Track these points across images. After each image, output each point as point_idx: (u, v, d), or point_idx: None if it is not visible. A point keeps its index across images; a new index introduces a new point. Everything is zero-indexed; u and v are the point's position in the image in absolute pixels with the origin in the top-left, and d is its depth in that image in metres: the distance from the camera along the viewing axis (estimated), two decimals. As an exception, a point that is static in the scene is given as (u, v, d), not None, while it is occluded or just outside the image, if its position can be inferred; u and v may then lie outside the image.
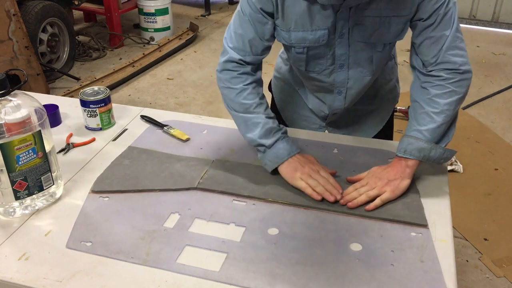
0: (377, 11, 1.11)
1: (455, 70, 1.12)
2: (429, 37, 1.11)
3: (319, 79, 1.27)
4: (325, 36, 1.16)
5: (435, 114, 1.12)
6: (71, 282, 0.89)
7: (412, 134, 1.14)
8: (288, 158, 1.15)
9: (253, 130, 1.18)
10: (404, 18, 1.12)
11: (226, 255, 0.95)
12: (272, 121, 1.18)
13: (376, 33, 1.15)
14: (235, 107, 1.20)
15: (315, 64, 1.24)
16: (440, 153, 1.13)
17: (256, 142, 1.18)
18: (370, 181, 1.11)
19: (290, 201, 1.09)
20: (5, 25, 3.10)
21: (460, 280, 1.97)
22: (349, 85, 1.27)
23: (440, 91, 1.13)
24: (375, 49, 1.19)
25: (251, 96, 1.19)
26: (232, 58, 1.20)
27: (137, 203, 1.09)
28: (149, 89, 3.74)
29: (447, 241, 0.98)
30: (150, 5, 4.44)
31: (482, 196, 2.47)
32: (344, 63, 1.22)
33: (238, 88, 1.20)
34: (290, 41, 1.19)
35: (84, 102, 1.36)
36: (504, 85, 3.73)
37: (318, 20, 1.14)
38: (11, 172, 1.00)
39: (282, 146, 1.16)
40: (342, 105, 1.33)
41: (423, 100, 1.15)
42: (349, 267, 0.92)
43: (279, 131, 1.18)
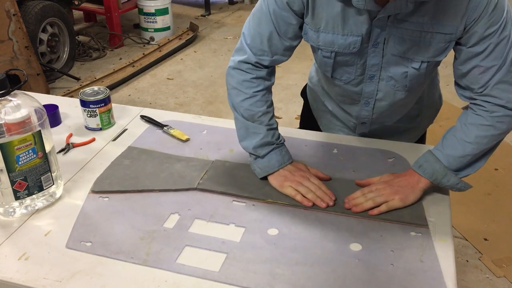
0: (419, 25, 1.03)
1: (501, 105, 1.05)
2: (478, 66, 1.03)
3: (345, 89, 1.22)
4: (357, 44, 1.09)
5: (465, 144, 1.07)
6: (71, 282, 0.89)
7: (435, 152, 1.10)
8: (279, 169, 1.14)
9: (251, 139, 1.16)
10: (448, 36, 1.03)
11: (225, 255, 0.95)
12: (272, 135, 1.16)
13: (414, 48, 1.07)
14: (239, 110, 1.17)
15: (342, 72, 1.18)
16: (453, 182, 1.09)
17: (250, 150, 1.16)
18: (379, 187, 1.09)
19: (290, 202, 1.09)
20: (5, 25, 3.10)
21: (460, 280, 1.97)
22: (378, 97, 1.20)
23: (478, 122, 1.06)
24: (410, 66, 1.11)
25: (259, 104, 1.16)
26: (249, 59, 1.15)
27: (137, 203, 1.09)
28: (149, 89, 3.74)
29: (447, 241, 0.98)
30: (150, 5, 4.44)
31: (482, 196, 2.47)
32: (375, 74, 1.15)
33: (247, 94, 1.16)
34: (317, 42, 1.13)
35: (84, 102, 1.36)
36: (504, 85, 3.72)
37: (351, 25, 1.07)
38: (11, 172, 1.00)
39: (274, 157, 1.14)
40: (369, 115, 1.26)
41: (460, 124, 1.10)
42: (349, 267, 0.92)
43: (275, 144, 1.16)
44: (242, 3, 5.96)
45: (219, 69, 4.04)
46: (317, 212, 1.07)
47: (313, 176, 1.14)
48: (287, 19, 1.10)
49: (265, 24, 1.11)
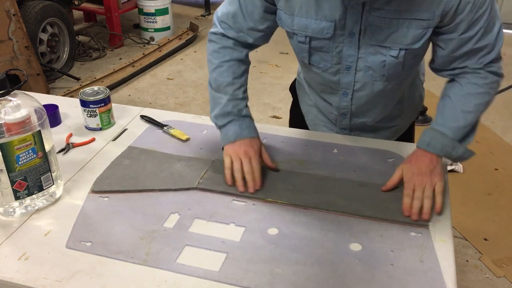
0: (396, 13, 1.05)
1: (493, 72, 1.10)
2: (472, 49, 1.07)
3: (324, 77, 1.23)
4: (330, 29, 1.10)
5: (466, 113, 1.10)
6: (71, 282, 0.89)
7: (439, 128, 1.11)
8: (236, 140, 1.16)
9: (215, 108, 1.20)
10: (426, 22, 1.05)
11: (226, 255, 0.95)
12: (233, 105, 1.18)
13: (392, 35, 1.08)
14: (210, 82, 1.23)
15: (319, 59, 1.19)
16: (461, 152, 1.11)
17: (213, 120, 1.21)
18: (417, 182, 1.07)
19: (290, 201, 1.09)
20: (5, 25, 3.11)
21: (460, 280, 1.97)
22: (356, 88, 1.22)
23: (475, 91, 1.10)
24: (389, 54, 1.12)
25: (225, 74, 1.20)
26: (217, 30, 1.23)
27: (137, 203, 1.09)
28: (149, 89, 3.74)
29: (447, 241, 0.98)
30: (150, 5, 4.44)
31: (482, 196, 2.47)
32: (351, 65, 1.17)
33: (214, 64, 1.22)
34: (292, 27, 1.15)
35: (84, 102, 1.36)
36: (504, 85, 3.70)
37: (324, 9, 1.09)
38: (11, 172, 1.00)
39: (232, 128, 1.17)
40: (348, 106, 1.27)
41: (456, 96, 1.12)
42: (349, 267, 0.92)
43: (236, 115, 1.18)
44: (242, 3, 5.95)
45: (219, 69, 4.03)
46: (317, 212, 1.07)
47: (256, 159, 1.14)
48: (254, 1, 1.14)
49: (233, 2, 1.18)
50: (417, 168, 1.09)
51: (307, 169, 1.21)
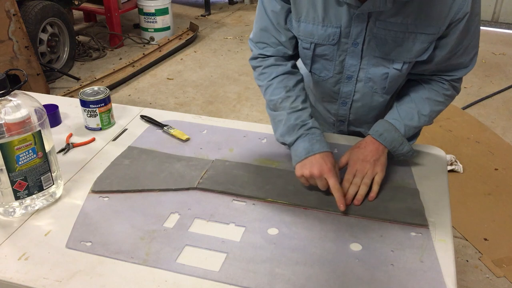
0: (403, 26, 1.04)
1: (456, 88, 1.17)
2: (451, 64, 1.12)
3: (323, 86, 1.24)
4: (335, 36, 1.10)
5: (421, 116, 1.14)
6: (71, 282, 0.89)
7: (392, 122, 1.14)
8: (307, 157, 1.09)
9: (278, 128, 1.16)
10: (431, 36, 1.05)
11: (226, 255, 0.95)
12: (295, 117, 1.13)
13: (397, 49, 1.08)
14: (269, 106, 1.19)
15: (321, 68, 1.19)
16: (406, 150, 1.15)
17: (279, 139, 1.16)
18: (359, 167, 1.10)
19: (290, 201, 1.09)
20: (5, 25, 3.11)
21: (460, 280, 1.97)
22: (355, 98, 1.23)
23: (435, 98, 1.15)
24: (392, 67, 1.12)
25: (277, 91, 1.17)
26: (254, 55, 1.21)
27: (137, 203, 1.09)
28: (149, 89, 3.74)
29: (447, 241, 0.98)
30: (150, 5, 4.45)
31: (482, 196, 2.47)
32: (352, 74, 1.17)
33: (264, 85, 1.19)
34: (298, 32, 1.15)
35: (84, 102, 1.36)
36: (504, 85, 3.73)
37: (331, 16, 1.09)
38: (11, 172, 1.00)
39: (302, 145, 1.11)
40: (346, 115, 1.29)
41: (416, 97, 1.15)
42: (349, 267, 0.92)
43: (302, 128, 1.12)
44: (242, 3, 5.96)
45: (219, 69, 4.04)
46: (317, 212, 1.07)
47: (332, 177, 1.06)
48: (276, 7, 1.14)
49: (262, 18, 1.16)
50: (362, 154, 1.12)
51: (307, 169, 1.21)
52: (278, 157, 1.25)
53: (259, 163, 1.23)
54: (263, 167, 1.21)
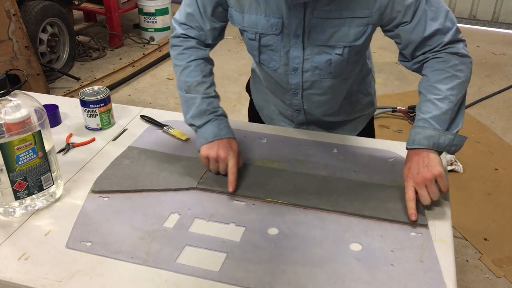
0: (337, 13, 1.09)
1: (456, 53, 1.11)
2: (423, 37, 1.10)
3: (274, 77, 1.27)
4: (278, 25, 1.14)
5: (438, 101, 1.09)
6: (71, 282, 0.89)
7: (419, 124, 1.10)
8: (214, 140, 1.15)
9: (189, 110, 1.19)
10: (365, 20, 1.10)
11: (226, 255, 0.95)
12: (207, 103, 1.18)
13: (336, 35, 1.13)
14: (180, 86, 1.22)
15: (269, 58, 1.23)
16: (450, 139, 1.08)
17: (189, 121, 1.20)
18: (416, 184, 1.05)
19: (290, 201, 1.09)
20: (5, 25, 3.10)
21: (460, 280, 1.97)
22: (305, 87, 1.26)
23: (441, 77, 1.10)
24: (334, 52, 1.16)
25: (194, 74, 1.20)
26: (177, 33, 1.24)
27: (137, 203, 1.09)
28: (149, 89, 3.74)
29: (447, 241, 0.98)
30: (150, 5, 4.44)
31: (482, 196, 2.47)
32: (297, 67, 1.21)
33: (181, 65, 1.21)
34: (243, 24, 1.18)
35: (84, 102, 1.36)
36: (504, 85, 3.73)
37: (272, 6, 1.12)
38: (11, 172, 1.00)
39: (210, 128, 1.17)
40: (300, 104, 1.32)
41: (425, 88, 1.13)
42: (349, 267, 0.92)
43: (213, 113, 1.18)
44: (242, 3, 5.95)
45: (219, 69, 4.04)
46: (317, 212, 1.07)
47: (233, 161, 1.13)
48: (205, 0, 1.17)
49: (191, 2, 1.20)
50: (412, 169, 1.07)
51: (307, 169, 1.21)
52: (278, 157, 1.25)
53: (259, 163, 1.23)
54: (263, 167, 1.21)
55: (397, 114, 3.15)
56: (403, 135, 2.96)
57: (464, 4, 4.99)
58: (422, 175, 1.04)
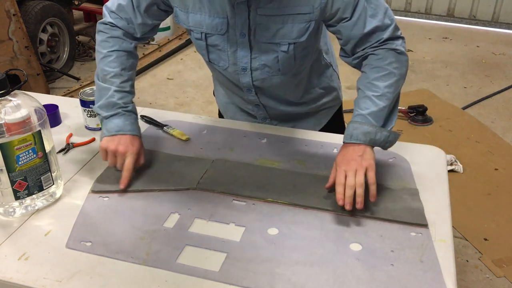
0: (280, 10, 1.10)
1: (393, 50, 1.13)
2: (362, 33, 1.12)
3: (226, 76, 1.28)
4: (223, 25, 1.15)
5: (376, 98, 1.12)
6: (71, 282, 0.89)
7: (356, 119, 1.12)
8: (116, 134, 1.14)
9: (100, 99, 1.18)
10: (307, 16, 1.11)
11: (226, 255, 0.95)
12: (119, 96, 1.17)
13: (280, 32, 1.14)
14: (98, 74, 1.21)
15: (218, 58, 1.23)
16: (385, 136, 1.11)
17: (96, 110, 1.19)
18: (345, 167, 1.07)
19: (290, 201, 1.09)
20: (5, 25, 3.11)
21: (460, 280, 1.97)
22: (257, 84, 1.27)
23: (379, 74, 1.12)
24: (280, 49, 1.17)
25: (112, 64, 1.19)
26: (105, 20, 1.23)
27: (137, 203, 1.09)
28: (149, 89, 3.74)
29: (447, 241, 0.98)
30: (150, 5, 4.44)
31: (482, 196, 2.47)
32: (246, 66, 1.21)
33: (103, 53, 1.21)
34: (188, 23, 1.19)
35: (84, 102, 1.36)
36: (504, 85, 3.73)
37: (216, 6, 1.13)
38: (11, 172, 1.00)
39: (115, 121, 1.16)
40: (257, 100, 1.33)
41: (364, 84, 1.15)
42: (349, 267, 0.92)
43: (122, 108, 1.17)
44: (242, 3, 5.95)
45: (219, 69, 4.04)
46: (317, 212, 1.07)
47: (131, 158, 1.13)
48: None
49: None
50: (345, 155, 1.09)
51: (307, 169, 1.21)
52: (278, 157, 1.25)
53: (259, 163, 1.23)
54: (263, 167, 1.21)
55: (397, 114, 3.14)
56: (403, 135, 2.96)
57: (464, 4, 5.00)
58: (356, 161, 1.07)
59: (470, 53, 4.33)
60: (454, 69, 3.98)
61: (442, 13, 5.17)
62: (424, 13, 5.23)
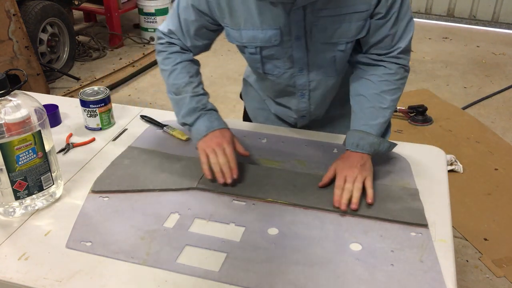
0: (337, 10, 1.10)
1: (403, 66, 1.17)
2: (387, 35, 1.13)
3: (280, 83, 1.26)
4: (277, 37, 1.14)
5: (384, 110, 1.16)
6: (71, 282, 0.89)
7: (362, 128, 1.15)
8: (207, 133, 1.16)
9: (180, 110, 1.20)
10: (365, 13, 1.11)
11: (226, 255, 0.95)
12: (196, 100, 1.19)
13: (337, 31, 1.13)
14: (170, 90, 1.23)
15: (273, 67, 1.23)
16: (386, 146, 1.17)
17: (180, 121, 1.21)
18: (346, 173, 1.10)
19: (290, 201, 1.09)
20: (5, 25, 3.10)
21: (460, 280, 1.97)
22: (312, 87, 1.26)
23: (388, 88, 1.16)
24: (336, 49, 1.17)
25: (181, 76, 1.22)
26: (161, 41, 1.25)
27: (137, 203, 1.09)
28: (149, 89, 3.74)
29: (447, 241, 0.98)
30: (150, 5, 4.44)
31: (482, 196, 2.47)
32: (303, 66, 1.21)
33: (168, 69, 1.23)
34: (241, 40, 1.18)
35: (84, 102, 1.36)
36: (504, 85, 3.72)
37: (268, 19, 1.12)
38: (11, 172, 1.00)
39: (202, 123, 1.18)
40: (307, 107, 1.32)
41: (371, 94, 1.17)
42: (349, 267, 0.92)
43: (202, 110, 1.19)
44: (242, 3, 5.95)
45: (219, 69, 4.04)
46: (317, 212, 1.07)
47: (230, 148, 1.14)
48: (190, 18, 1.18)
49: (173, 18, 1.22)
50: (348, 162, 1.13)
51: (307, 169, 1.21)
52: (278, 157, 1.25)
53: (259, 163, 1.23)
54: (263, 167, 1.21)
55: (397, 114, 3.15)
56: (403, 135, 2.96)
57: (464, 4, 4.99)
58: (357, 169, 1.10)
59: (470, 53, 4.33)
60: (454, 69, 3.98)
61: (442, 13, 5.16)
62: (424, 13, 5.23)
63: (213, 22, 1.19)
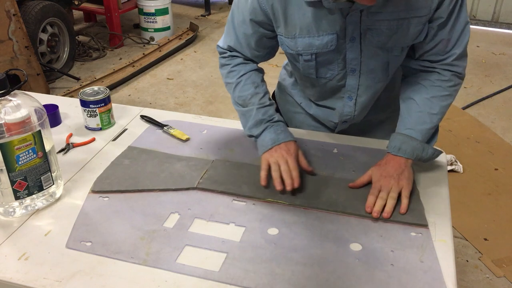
0: (395, 14, 1.06)
1: (457, 74, 1.14)
2: (443, 40, 1.10)
3: (330, 85, 1.25)
4: (333, 41, 1.12)
5: (432, 116, 1.14)
6: (71, 282, 0.89)
7: (406, 132, 1.13)
8: (273, 146, 1.15)
9: (247, 122, 1.21)
10: (424, 18, 1.07)
11: (226, 255, 0.95)
12: (262, 112, 1.19)
13: (394, 36, 1.10)
14: (236, 101, 1.24)
15: (326, 71, 1.21)
16: (430, 153, 1.14)
17: (247, 132, 1.22)
18: (383, 183, 1.08)
19: (290, 201, 1.09)
20: (5, 25, 3.10)
21: (460, 280, 1.97)
22: (360, 92, 1.23)
23: (440, 94, 1.14)
24: (392, 54, 1.14)
25: (246, 87, 1.22)
26: (224, 55, 1.26)
27: (137, 203, 1.09)
28: (149, 89, 3.74)
29: (447, 241, 0.98)
30: (150, 5, 4.44)
31: (482, 196, 2.47)
32: (355, 68, 1.18)
33: (233, 82, 1.23)
34: (296, 48, 1.16)
35: (84, 102, 1.36)
36: (504, 85, 3.72)
37: (325, 25, 1.10)
38: (11, 172, 1.00)
39: (268, 135, 1.17)
40: (352, 112, 1.29)
41: (421, 99, 1.15)
42: (349, 267, 0.92)
43: (269, 121, 1.19)
44: (242, 3, 5.94)
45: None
46: (317, 212, 1.07)
47: (293, 160, 1.13)
48: (249, 32, 1.18)
49: (230, 33, 1.23)
50: (385, 171, 1.11)
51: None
52: (278, 157, 1.25)
53: (259, 163, 1.23)
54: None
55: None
56: (403, 135, 2.96)
57: (464, 4, 4.99)
58: (393, 179, 1.08)
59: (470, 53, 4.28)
60: (454, 69, 3.98)
61: (442, 13, 5.16)
62: (424, 13, 5.23)
63: (272, 29, 1.18)
